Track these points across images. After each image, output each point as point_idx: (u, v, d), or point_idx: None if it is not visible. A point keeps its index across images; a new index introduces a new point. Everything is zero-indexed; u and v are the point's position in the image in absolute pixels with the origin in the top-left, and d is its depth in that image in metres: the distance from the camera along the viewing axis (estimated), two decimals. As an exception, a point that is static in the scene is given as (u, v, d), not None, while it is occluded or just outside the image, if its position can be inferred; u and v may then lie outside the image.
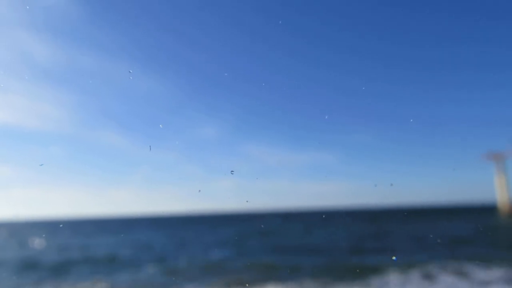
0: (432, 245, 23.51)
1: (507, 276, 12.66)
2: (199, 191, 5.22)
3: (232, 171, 4.68)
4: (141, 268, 16.65)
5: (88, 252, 22.81)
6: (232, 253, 20.52)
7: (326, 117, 21.14)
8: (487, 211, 69.74)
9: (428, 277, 12.71)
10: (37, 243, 30.53)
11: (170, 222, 69.46)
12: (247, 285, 12.13)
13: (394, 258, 19.87)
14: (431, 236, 30.01)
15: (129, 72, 6.90)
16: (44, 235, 44.42)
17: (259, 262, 16.98)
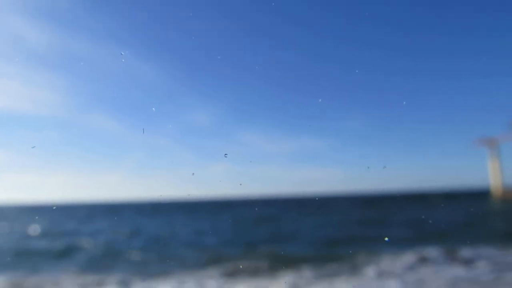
0: (424, 229, 23.17)
1: (493, 254, 12.73)
2: (193, 174, 4.76)
3: (225, 154, 4.32)
4: (135, 255, 15.98)
5: (80, 239, 22.07)
6: (226, 240, 19.99)
7: (320, 100, 20.30)
8: (481, 196, 70.06)
9: (422, 260, 12.31)
10: (33, 228, 29.77)
11: (162, 208, 68.95)
12: (243, 273, 11.58)
13: (386, 239, 19.53)
14: (424, 221, 29.70)
15: (121, 54, 6.18)
16: (37, 220, 43.66)
17: (254, 250, 16.45)
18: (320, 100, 19.36)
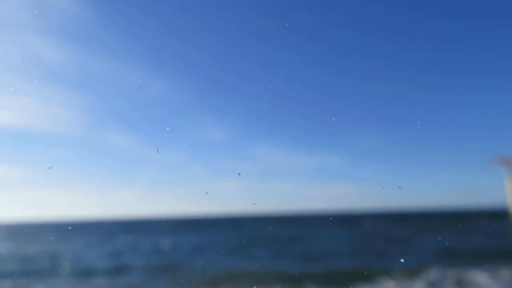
0: (437, 251, 23.23)
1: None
2: (207, 193, 5.16)
3: (239, 173, 4.64)
4: (150, 275, 16.62)
5: (97, 258, 22.88)
6: (241, 260, 20.45)
7: (333, 120, 21.05)
8: (498, 216, 68.82)
9: (432, 285, 12.57)
10: (58, 246, 30.72)
11: (176, 224, 69.54)
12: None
13: (402, 260, 19.69)
14: (437, 241, 29.64)
15: (137, 74, 7.00)
16: (55, 237, 44.74)
17: (269, 269, 16.89)
18: (333, 119, 20.11)
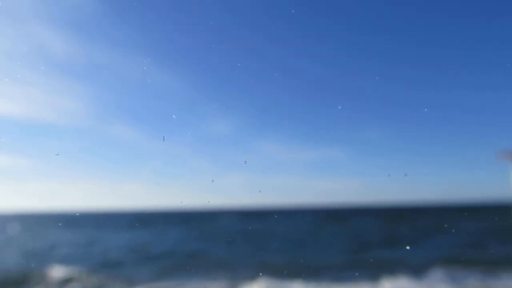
0: (446, 244, 23.58)
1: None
2: (212, 181, 5.53)
3: (245, 161, 5.11)
4: (154, 263, 17.10)
5: (104, 249, 23.46)
6: (246, 250, 20.80)
7: (339, 107, 21.45)
8: (503, 210, 69.03)
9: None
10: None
11: (181, 216, 70.33)
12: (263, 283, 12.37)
13: (408, 247, 20.04)
14: (446, 234, 30.08)
15: (144, 68, 7.41)
16: (70, 228, 45.48)
17: (274, 260, 17.23)
18: (339, 107, 20.50)
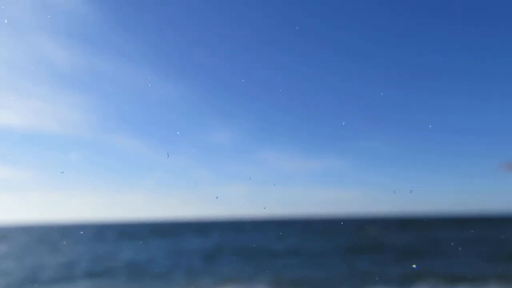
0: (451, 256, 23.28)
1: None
2: (217, 197, 5.31)
3: (250, 177, 5.00)
4: (162, 279, 16.94)
5: (103, 262, 23.30)
6: (250, 265, 20.57)
7: (344, 123, 21.38)
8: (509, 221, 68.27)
9: None
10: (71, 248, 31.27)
11: (183, 228, 69.96)
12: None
13: (414, 266, 19.77)
14: (451, 247, 29.67)
15: (148, 78, 7.29)
16: (68, 240, 45.36)
17: (281, 275, 17.06)
18: (343, 123, 20.42)
